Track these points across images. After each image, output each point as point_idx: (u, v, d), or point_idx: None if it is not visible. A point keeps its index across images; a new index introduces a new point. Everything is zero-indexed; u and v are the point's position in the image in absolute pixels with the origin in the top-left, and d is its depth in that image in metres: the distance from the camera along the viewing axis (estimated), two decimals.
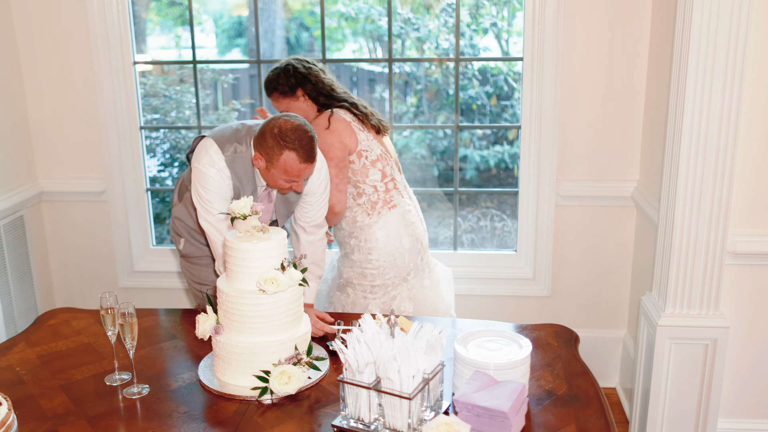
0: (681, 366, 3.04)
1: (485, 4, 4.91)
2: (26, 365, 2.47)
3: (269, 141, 2.57)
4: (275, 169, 2.60)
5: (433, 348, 2.04)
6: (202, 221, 2.70)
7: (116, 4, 3.76)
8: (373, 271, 3.11)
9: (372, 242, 3.09)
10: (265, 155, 2.60)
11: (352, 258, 3.14)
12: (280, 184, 2.66)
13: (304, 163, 2.58)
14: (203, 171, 2.67)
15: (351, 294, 3.16)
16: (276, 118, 2.61)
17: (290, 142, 2.54)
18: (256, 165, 2.67)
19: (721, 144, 2.80)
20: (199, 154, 2.72)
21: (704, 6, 2.68)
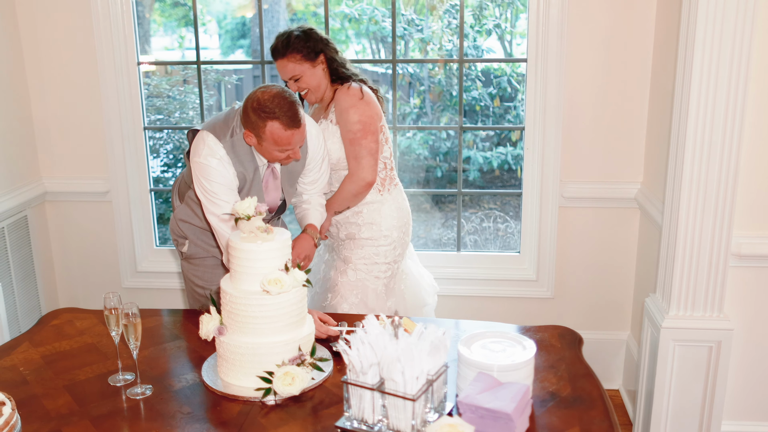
0: (685, 368, 3.04)
1: (489, 5, 4.91)
2: (30, 365, 2.47)
3: (252, 116, 2.59)
4: (265, 142, 2.62)
5: (437, 349, 2.04)
6: (210, 216, 2.70)
7: (120, 4, 3.76)
8: (386, 248, 3.13)
9: (387, 218, 3.11)
10: (253, 130, 2.63)
11: (361, 237, 3.12)
12: (276, 155, 2.67)
13: (290, 130, 2.58)
14: (204, 163, 2.67)
15: (352, 276, 3.15)
16: (253, 92, 2.63)
17: (270, 111, 2.56)
18: (249, 142, 2.69)
19: (726, 146, 2.79)
20: (197, 147, 2.71)
21: (709, 8, 2.68)
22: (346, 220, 3.16)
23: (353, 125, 2.97)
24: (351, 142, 3.00)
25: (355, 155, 3.01)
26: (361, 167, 3.01)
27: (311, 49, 2.97)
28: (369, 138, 2.99)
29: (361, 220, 3.13)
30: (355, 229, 3.14)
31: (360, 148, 2.99)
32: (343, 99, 2.99)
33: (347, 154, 3.03)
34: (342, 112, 3.00)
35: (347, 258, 3.17)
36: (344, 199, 3.08)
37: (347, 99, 2.99)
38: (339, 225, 3.19)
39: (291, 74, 2.98)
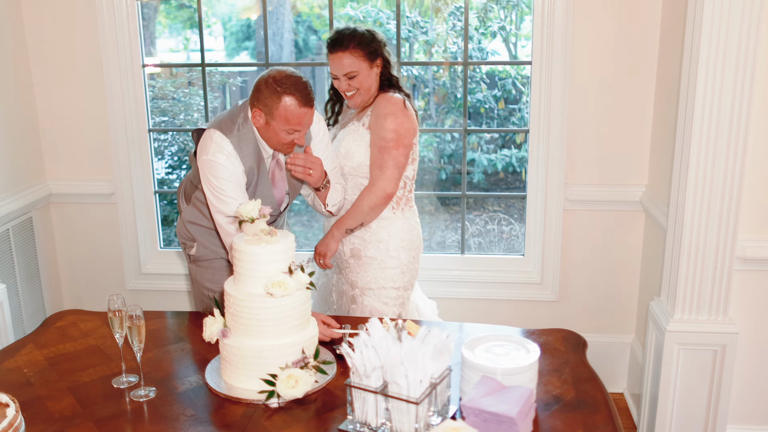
0: (689, 372, 3.03)
1: (493, 7, 4.91)
2: (34, 367, 2.47)
3: (265, 92, 2.60)
4: (275, 120, 2.62)
5: (441, 352, 2.04)
6: (216, 215, 2.69)
7: (125, 7, 3.77)
8: (393, 271, 2.97)
9: (395, 238, 2.96)
10: (264, 108, 2.62)
11: (367, 256, 2.97)
12: (281, 137, 2.66)
13: (304, 107, 2.60)
14: (212, 160, 2.66)
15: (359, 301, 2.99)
16: (267, 72, 2.65)
17: (287, 87, 2.57)
18: (256, 123, 2.68)
19: (731, 148, 2.79)
20: (204, 145, 2.70)
21: (714, 11, 2.67)
22: (355, 236, 3.00)
23: (388, 133, 2.84)
24: (381, 149, 2.85)
25: (380, 164, 2.86)
26: (384, 177, 2.86)
27: (374, 50, 2.87)
28: (400, 150, 2.86)
29: (369, 235, 2.98)
30: (360, 245, 2.99)
31: (388, 157, 2.85)
32: (384, 105, 2.88)
33: (372, 162, 2.89)
34: (379, 117, 2.87)
35: (354, 283, 3.02)
36: (360, 212, 2.90)
37: (388, 106, 2.87)
38: (345, 241, 3.02)
39: (348, 70, 2.84)
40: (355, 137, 2.92)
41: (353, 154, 2.92)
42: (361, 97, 2.91)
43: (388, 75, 2.94)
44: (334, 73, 2.90)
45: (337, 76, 2.88)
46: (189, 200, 3.00)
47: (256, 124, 2.68)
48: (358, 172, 2.95)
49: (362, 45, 2.84)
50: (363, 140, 2.91)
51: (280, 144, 2.70)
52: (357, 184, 2.98)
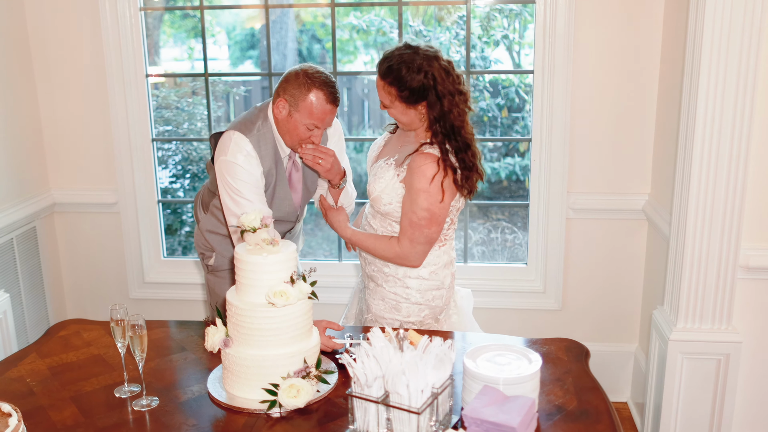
0: (693, 381, 3.02)
1: (496, 16, 4.91)
2: (36, 376, 2.48)
3: (294, 83, 2.63)
4: (299, 112, 2.63)
5: (442, 362, 2.04)
6: (231, 218, 2.67)
7: (129, 17, 3.79)
8: (409, 306, 2.77)
9: (414, 278, 2.76)
10: (290, 98, 2.64)
11: (383, 287, 2.80)
12: (300, 132, 2.66)
13: (330, 104, 2.63)
14: (230, 161, 2.67)
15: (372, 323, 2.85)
16: (299, 65, 2.68)
17: (317, 81, 2.60)
18: (277, 114, 2.69)
19: (733, 157, 2.79)
20: (223, 146, 2.71)
21: (715, 20, 2.68)
22: (374, 259, 2.82)
23: (420, 211, 2.57)
24: (412, 224, 2.60)
25: (412, 238, 2.62)
26: (414, 252, 2.65)
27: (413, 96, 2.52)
28: (433, 228, 2.61)
29: (387, 269, 2.78)
30: (378, 275, 2.82)
31: (420, 234, 2.61)
32: (418, 178, 2.55)
33: (403, 230, 2.63)
34: (411, 189, 2.58)
35: (370, 306, 2.86)
36: (376, 253, 2.73)
37: (421, 180, 2.54)
38: (367, 259, 2.86)
39: (381, 99, 2.60)
40: (387, 185, 2.67)
41: (382, 201, 2.70)
42: (401, 128, 2.73)
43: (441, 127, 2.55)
44: None
45: None
46: (207, 209, 3.00)
47: (277, 115, 2.69)
48: (387, 216, 2.74)
49: (397, 86, 2.53)
50: (395, 192, 2.65)
51: (298, 139, 2.70)
52: (386, 223, 2.77)
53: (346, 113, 5.73)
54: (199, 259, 3.12)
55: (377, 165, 2.75)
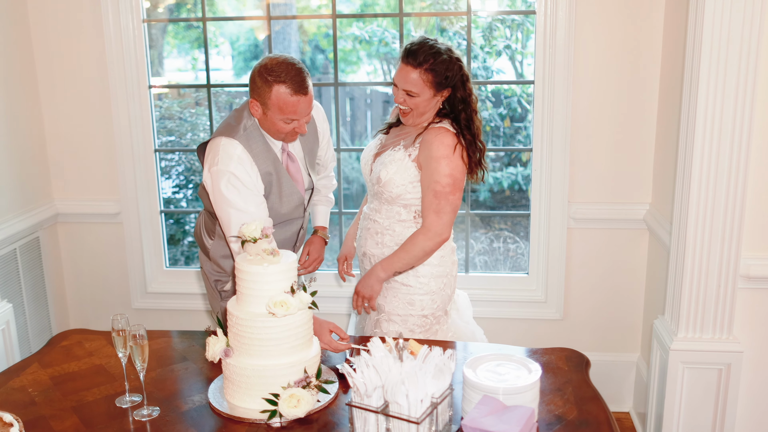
0: (694, 391, 3.02)
1: (499, 26, 4.93)
2: (38, 386, 2.48)
3: (258, 81, 2.53)
4: (271, 111, 2.55)
5: (442, 372, 2.04)
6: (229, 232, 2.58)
7: (132, 29, 3.81)
8: (422, 297, 2.83)
9: (427, 265, 2.82)
10: (259, 98, 2.55)
11: (396, 281, 2.84)
12: (280, 127, 2.59)
13: (296, 95, 2.52)
14: (222, 170, 2.56)
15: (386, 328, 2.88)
16: (260, 60, 2.58)
17: (277, 75, 2.50)
18: (255, 114, 2.61)
19: (733, 166, 2.79)
20: (212, 155, 2.60)
21: (714, 29, 2.69)
22: (383, 255, 2.86)
23: (444, 178, 2.66)
24: (436, 194, 2.68)
25: (437, 209, 2.69)
26: (442, 223, 2.70)
27: (446, 78, 2.67)
28: (456, 195, 2.70)
29: None
30: None
31: (446, 203, 2.69)
32: (437, 146, 2.67)
33: (427, 206, 2.71)
34: (432, 159, 2.67)
35: (380, 306, 2.89)
36: (414, 257, 2.75)
37: (441, 148, 2.66)
38: (374, 260, 2.91)
39: (410, 87, 2.66)
40: (399, 167, 2.75)
41: (394, 183, 2.76)
42: (413, 120, 2.77)
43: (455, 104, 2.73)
44: (396, 81, 2.72)
45: (397, 86, 2.72)
46: (213, 235, 2.90)
47: (255, 114, 2.61)
48: (396, 201, 2.81)
49: (435, 71, 2.65)
50: (407, 172, 2.74)
51: (282, 134, 2.64)
52: (393, 211, 2.84)
53: (349, 123, 5.75)
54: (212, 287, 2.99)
55: (383, 156, 2.81)
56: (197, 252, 5.09)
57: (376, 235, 2.89)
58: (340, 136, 4.19)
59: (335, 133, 4.02)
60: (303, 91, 2.53)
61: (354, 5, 5.05)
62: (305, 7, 4.36)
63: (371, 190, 2.91)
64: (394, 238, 2.84)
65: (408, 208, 2.82)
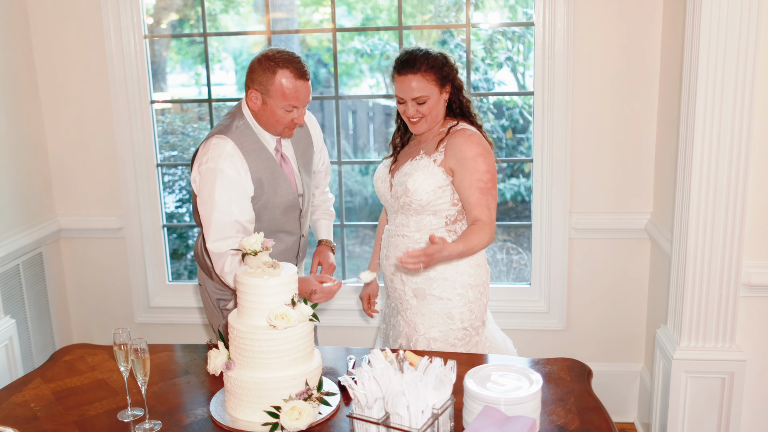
0: (698, 400, 3.01)
1: (500, 38, 4.95)
2: (41, 401, 2.49)
3: (258, 70, 2.58)
4: (272, 97, 2.59)
5: (442, 383, 2.04)
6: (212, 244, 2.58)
7: (134, 45, 3.84)
8: (461, 309, 2.80)
9: (462, 275, 2.80)
10: (260, 87, 2.59)
11: (432, 294, 2.80)
12: (280, 117, 2.62)
13: (300, 80, 2.58)
14: (211, 167, 2.56)
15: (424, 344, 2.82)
16: (260, 52, 2.63)
17: (280, 61, 2.56)
18: (253, 107, 2.64)
19: (732, 174, 2.80)
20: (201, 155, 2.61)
21: (711, 39, 2.70)
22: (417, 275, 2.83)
23: (483, 174, 2.69)
24: (482, 191, 2.69)
25: (487, 204, 2.69)
26: (493, 216, 2.71)
27: (446, 74, 2.72)
28: (496, 188, 2.75)
29: (434, 273, 2.80)
30: (425, 285, 2.81)
31: (490, 197, 2.70)
32: (468, 147, 2.69)
33: (477, 203, 2.68)
34: (468, 159, 2.68)
35: (417, 326, 2.84)
36: (474, 247, 2.63)
37: (473, 147, 2.69)
38: (405, 280, 2.85)
39: (418, 94, 2.67)
40: (426, 174, 2.73)
41: (423, 190, 2.73)
42: (427, 125, 2.76)
43: (460, 102, 2.79)
44: (400, 96, 2.72)
45: (404, 100, 2.72)
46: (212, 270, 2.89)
47: (253, 107, 2.63)
48: (425, 210, 2.78)
49: (435, 68, 2.69)
50: (434, 177, 2.73)
51: (281, 126, 2.66)
52: (423, 221, 2.80)
53: (351, 136, 5.76)
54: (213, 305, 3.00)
55: (405, 167, 2.80)
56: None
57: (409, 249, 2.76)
58: (342, 149, 4.21)
59: (336, 146, 4.04)
60: (305, 77, 2.60)
61: (356, 19, 5.08)
62: (307, 22, 4.39)
63: (395, 204, 2.85)
64: None
65: (438, 215, 2.79)
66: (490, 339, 2.97)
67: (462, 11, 4.40)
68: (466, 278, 2.81)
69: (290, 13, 4.75)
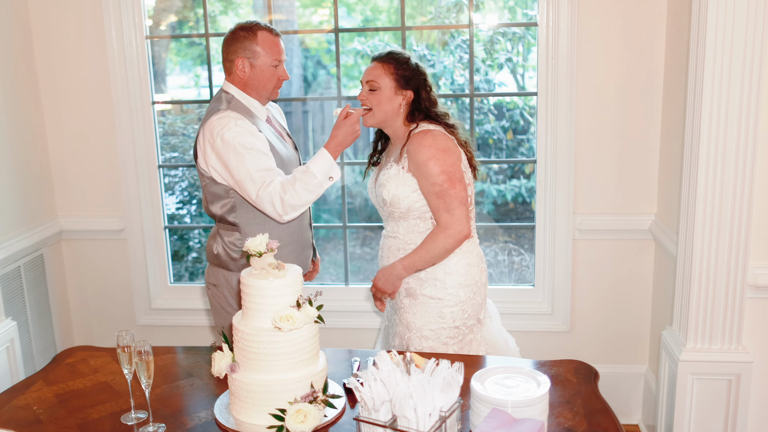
0: (704, 402, 2.99)
1: (500, 39, 4.95)
2: (43, 404, 2.47)
3: (240, 40, 2.80)
4: (259, 58, 2.80)
5: (450, 385, 2.02)
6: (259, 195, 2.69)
7: (135, 46, 3.82)
8: (452, 309, 2.81)
9: (453, 275, 2.81)
10: (245, 52, 2.80)
11: (423, 294, 2.83)
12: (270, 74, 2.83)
13: (277, 36, 2.84)
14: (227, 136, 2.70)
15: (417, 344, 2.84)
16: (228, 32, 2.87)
17: (255, 26, 2.81)
18: (242, 76, 2.83)
19: (739, 175, 2.78)
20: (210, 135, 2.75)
21: (717, 39, 2.69)
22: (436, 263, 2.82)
23: (437, 177, 2.69)
24: (438, 195, 2.71)
25: (446, 207, 2.71)
26: (456, 219, 2.71)
27: (407, 76, 2.79)
28: (457, 187, 2.71)
29: (424, 274, 2.82)
30: (416, 284, 2.84)
31: (450, 199, 2.70)
32: (419, 151, 2.71)
33: (436, 208, 2.74)
34: (420, 165, 2.72)
35: (409, 324, 2.86)
36: (434, 256, 2.75)
37: (423, 151, 2.71)
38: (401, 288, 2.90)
39: (371, 78, 2.80)
40: (398, 182, 2.78)
41: (399, 199, 2.79)
42: (374, 119, 2.83)
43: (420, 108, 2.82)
44: (361, 80, 2.88)
45: (362, 83, 2.86)
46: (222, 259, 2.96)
47: (242, 77, 2.82)
48: (409, 215, 2.83)
49: (398, 65, 2.79)
50: (407, 184, 2.77)
51: (271, 84, 2.86)
52: (410, 226, 2.85)
53: None
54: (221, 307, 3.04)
55: (380, 178, 2.89)
56: (201, 267, 5.08)
57: (398, 252, 2.88)
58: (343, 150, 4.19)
59: None
60: (279, 35, 2.85)
61: (355, 20, 5.07)
62: (307, 23, 4.38)
63: (383, 213, 2.93)
64: None
65: (423, 218, 2.83)
66: (488, 338, 2.98)
67: (462, 12, 4.39)
68: (456, 278, 2.82)
69: (290, 14, 4.74)
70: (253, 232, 2.80)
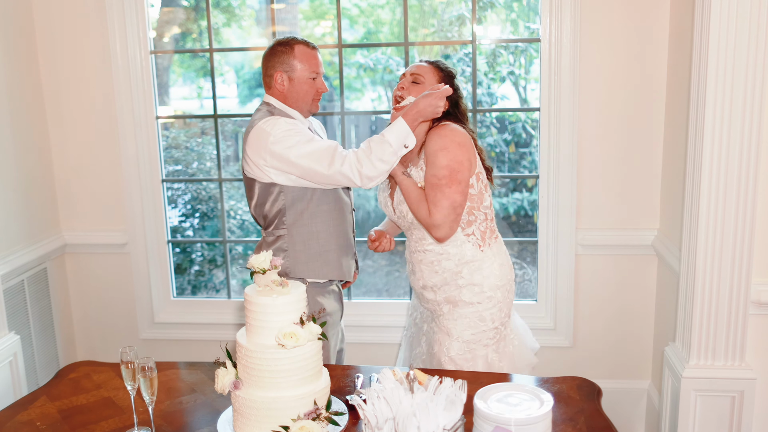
0: (707, 419, 2.99)
1: (502, 53, 4.96)
2: (46, 420, 2.47)
3: (278, 53, 2.84)
4: (297, 71, 2.83)
5: (453, 403, 2.02)
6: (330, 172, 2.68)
7: (140, 60, 3.84)
8: (491, 311, 2.81)
9: (489, 277, 2.80)
10: (283, 66, 2.83)
11: (462, 300, 2.81)
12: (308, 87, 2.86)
13: (314, 50, 2.88)
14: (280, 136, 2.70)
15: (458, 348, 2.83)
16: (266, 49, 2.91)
17: (292, 41, 2.85)
18: (281, 89, 2.86)
19: (741, 191, 2.79)
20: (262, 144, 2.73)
21: (719, 57, 2.70)
22: (444, 282, 2.83)
23: (440, 170, 2.63)
24: (433, 187, 2.64)
25: (435, 201, 2.64)
26: (434, 217, 2.65)
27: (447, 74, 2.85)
28: (454, 188, 2.63)
29: (462, 281, 2.80)
30: (455, 292, 2.82)
31: (441, 196, 2.63)
32: (435, 140, 2.68)
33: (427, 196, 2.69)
34: (431, 154, 2.66)
35: (450, 330, 2.85)
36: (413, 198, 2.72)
37: (439, 140, 2.67)
38: (436, 288, 2.86)
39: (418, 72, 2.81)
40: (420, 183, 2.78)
41: None
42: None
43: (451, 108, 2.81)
44: (405, 72, 2.88)
45: (405, 75, 2.86)
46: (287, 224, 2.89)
47: (282, 90, 2.85)
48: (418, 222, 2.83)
49: (446, 75, 2.84)
50: None
51: (310, 96, 2.88)
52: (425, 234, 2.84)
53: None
54: None
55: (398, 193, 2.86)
56: (204, 281, 5.08)
57: (432, 264, 2.84)
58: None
59: None
60: (316, 48, 2.89)
61: (357, 33, 5.09)
62: (309, 36, 4.40)
63: (405, 223, 2.88)
64: (451, 259, 2.81)
65: None
66: (514, 328, 3.01)
67: (465, 26, 4.41)
68: (493, 280, 2.82)
69: (293, 26, 4.76)
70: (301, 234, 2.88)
